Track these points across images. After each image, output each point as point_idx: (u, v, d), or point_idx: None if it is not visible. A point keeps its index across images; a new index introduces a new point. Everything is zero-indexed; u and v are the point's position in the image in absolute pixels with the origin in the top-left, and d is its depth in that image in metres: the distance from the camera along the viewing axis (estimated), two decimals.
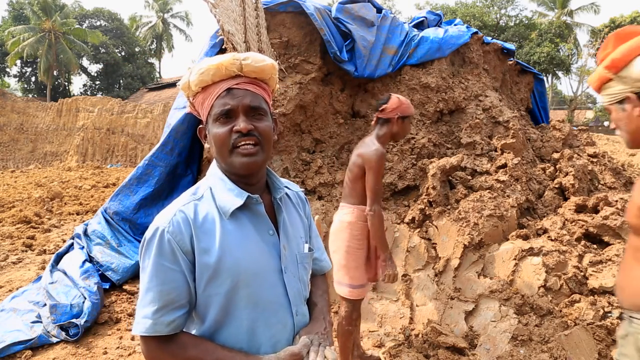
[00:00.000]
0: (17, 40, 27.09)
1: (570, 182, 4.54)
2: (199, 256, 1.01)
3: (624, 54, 1.33)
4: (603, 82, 1.42)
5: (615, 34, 1.40)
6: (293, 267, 1.13)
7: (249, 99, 1.06)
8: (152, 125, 20.73)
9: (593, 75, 1.48)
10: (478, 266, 3.77)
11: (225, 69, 1.04)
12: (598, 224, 3.82)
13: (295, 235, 1.18)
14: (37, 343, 3.22)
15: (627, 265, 1.48)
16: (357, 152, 2.73)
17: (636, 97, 1.34)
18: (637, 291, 1.39)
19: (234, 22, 3.60)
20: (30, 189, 10.74)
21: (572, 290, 3.40)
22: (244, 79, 1.07)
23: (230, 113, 1.05)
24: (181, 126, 4.33)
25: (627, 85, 1.35)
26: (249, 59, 1.06)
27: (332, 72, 4.88)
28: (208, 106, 1.07)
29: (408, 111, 2.74)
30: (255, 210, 1.09)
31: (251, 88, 1.08)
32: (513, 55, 6.49)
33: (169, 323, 0.99)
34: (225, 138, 1.04)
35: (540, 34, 27.11)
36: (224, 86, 1.06)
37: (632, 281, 1.42)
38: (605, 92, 1.43)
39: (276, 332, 1.07)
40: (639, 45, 1.31)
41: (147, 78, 36.05)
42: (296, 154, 4.54)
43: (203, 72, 1.05)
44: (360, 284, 2.68)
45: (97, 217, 4.57)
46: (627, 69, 1.33)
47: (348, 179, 2.76)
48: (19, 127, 22.81)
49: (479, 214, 3.97)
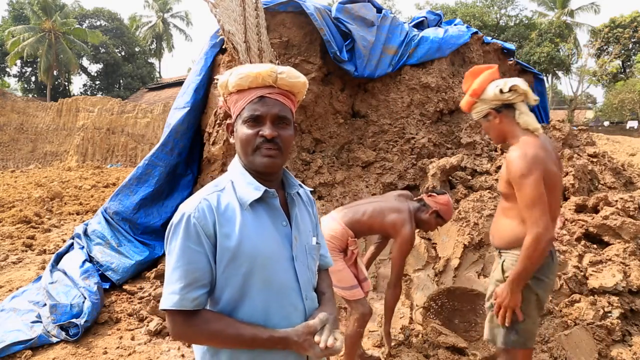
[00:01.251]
0: (17, 40, 27.09)
1: (570, 182, 4.54)
2: (221, 240, 1.12)
3: (479, 84, 2.06)
4: (471, 105, 2.14)
5: (470, 72, 2.12)
6: (303, 257, 1.24)
7: (278, 109, 1.18)
8: (152, 125, 20.74)
9: (463, 102, 2.18)
10: (478, 266, 3.77)
11: (262, 78, 1.16)
12: (598, 223, 3.82)
13: (305, 229, 1.29)
14: (37, 343, 3.21)
15: (497, 219, 2.19)
16: (392, 213, 2.73)
17: (494, 111, 2.05)
18: (503, 235, 2.11)
19: (234, 22, 3.60)
20: (30, 189, 10.74)
21: (572, 290, 3.40)
22: (276, 89, 1.19)
23: (259, 119, 1.17)
24: (181, 126, 4.33)
25: (486, 104, 2.06)
26: (285, 73, 1.18)
27: (332, 72, 4.88)
28: (240, 108, 1.19)
29: (446, 215, 2.82)
30: (271, 203, 1.20)
31: (281, 99, 1.20)
32: (513, 55, 6.49)
33: (193, 299, 1.09)
34: (251, 139, 1.17)
35: (540, 34, 27.11)
36: (258, 93, 1.17)
37: (500, 228, 2.14)
38: (474, 112, 2.15)
39: (288, 314, 1.17)
40: (487, 78, 2.05)
41: (147, 78, 36.06)
42: (296, 154, 4.54)
43: (242, 78, 1.16)
44: (351, 285, 2.70)
45: (97, 217, 4.57)
46: (484, 94, 2.05)
47: (369, 218, 2.74)
48: (19, 127, 22.82)
49: (479, 214, 3.98)
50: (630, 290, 3.37)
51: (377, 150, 4.73)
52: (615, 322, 3.12)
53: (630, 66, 29.88)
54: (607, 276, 3.38)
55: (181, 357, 3.12)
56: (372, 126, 4.91)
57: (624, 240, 3.71)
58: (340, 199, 4.21)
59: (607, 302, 3.26)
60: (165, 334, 3.39)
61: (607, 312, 3.22)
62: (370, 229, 2.81)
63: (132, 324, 3.56)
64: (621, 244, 3.66)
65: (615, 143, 17.12)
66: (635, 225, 3.71)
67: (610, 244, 3.74)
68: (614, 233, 3.77)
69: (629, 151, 15.18)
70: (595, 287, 3.36)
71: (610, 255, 3.57)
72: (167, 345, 3.27)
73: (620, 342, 3.11)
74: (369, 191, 4.36)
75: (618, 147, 16.29)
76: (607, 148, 14.20)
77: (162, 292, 1.16)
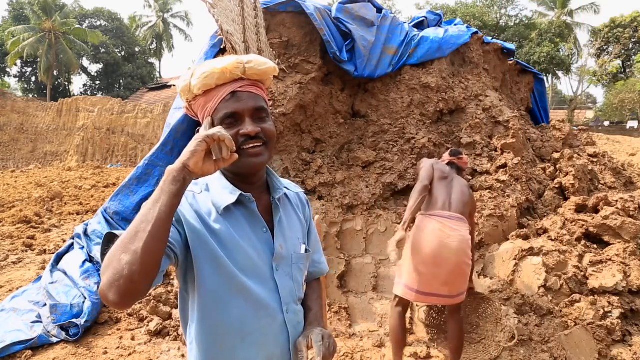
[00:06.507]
0: (17, 40, 27.09)
1: (570, 182, 4.54)
2: (197, 238, 1.02)
3: None
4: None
5: None
6: (287, 266, 1.15)
7: (253, 102, 1.09)
8: (152, 125, 20.74)
9: None
10: (478, 266, 3.77)
11: (229, 72, 1.06)
12: (598, 223, 3.82)
13: (292, 236, 1.19)
14: (37, 343, 3.22)
15: None
16: (468, 189, 3.01)
17: None
18: None
19: (232, 22, 3.59)
20: (30, 189, 10.74)
21: (572, 290, 3.40)
22: (246, 81, 1.09)
23: (236, 116, 1.07)
24: (181, 126, 4.33)
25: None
26: (252, 62, 1.08)
27: (332, 72, 4.88)
28: (211, 109, 1.08)
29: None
30: (249, 207, 1.12)
31: (254, 90, 1.10)
32: (513, 55, 6.49)
33: None
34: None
35: (540, 34, 27.09)
36: (228, 89, 1.07)
37: None
38: None
39: (266, 325, 1.09)
40: None
41: (147, 78, 36.05)
42: (296, 154, 4.54)
43: (207, 76, 1.05)
44: None
45: (97, 217, 4.57)
46: None
47: (467, 206, 2.90)
48: (19, 127, 22.81)
49: (479, 214, 3.97)
50: (631, 290, 3.37)
51: (377, 150, 4.73)
52: (616, 322, 3.12)
53: (630, 66, 29.85)
54: (607, 276, 3.38)
55: (181, 357, 3.12)
56: (372, 126, 4.91)
57: (624, 240, 3.71)
58: (340, 199, 4.22)
59: (607, 302, 3.26)
60: (166, 334, 3.39)
61: (607, 312, 3.21)
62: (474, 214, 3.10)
63: (132, 324, 3.57)
64: (621, 244, 3.66)
65: (616, 143, 17.10)
66: (636, 225, 3.70)
67: (610, 244, 3.74)
68: (614, 233, 3.77)
69: (629, 151, 15.16)
70: (595, 287, 3.35)
71: (611, 255, 3.56)
72: (167, 345, 3.27)
73: (620, 342, 3.11)
74: (369, 191, 4.36)
75: (618, 147, 16.27)
76: (607, 148, 14.19)
77: (162, 292, 1.12)
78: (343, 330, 3.47)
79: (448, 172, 3.02)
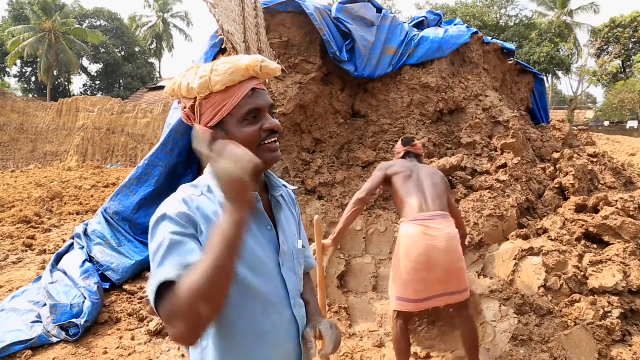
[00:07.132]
0: (17, 40, 27.09)
1: (570, 182, 4.54)
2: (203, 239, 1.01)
3: None
4: None
5: None
6: (290, 262, 1.18)
7: (269, 99, 1.14)
8: (152, 125, 20.73)
9: None
10: (478, 266, 3.77)
11: (252, 70, 1.08)
12: (598, 223, 3.82)
13: (290, 232, 1.22)
14: (37, 343, 3.22)
15: None
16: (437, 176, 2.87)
17: None
18: None
19: (233, 22, 3.59)
20: (30, 189, 10.74)
21: (572, 290, 3.40)
22: (259, 80, 1.13)
23: (257, 112, 1.10)
24: (181, 126, 4.33)
25: None
26: (265, 62, 1.11)
27: (332, 72, 4.88)
28: (231, 106, 1.07)
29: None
30: (256, 206, 1.12)
31: (265, 87, 1.16)
32: (513, 55, 6.49)
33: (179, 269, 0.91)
34: (257, 137, 1.09)
35: (540, 34, 27.10)
36: (249, 86, 1.09)
37: None
38: None
39: (276, 322, 1.11)
40: None
41: (147, 78, 36.04)
42: (296, 154, 4.54)
43: (233, 72, 1.06)
44: None
45: (97, 217, 4.57)
46: None
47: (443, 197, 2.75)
48: (19, 127, 22.81)
49: (479, 214, 3.97)
50: (631, 290, 3.37)
51: (377, 150, 4.73)
52: (616, 322, 3.12)
53: (630, 66, 29.87)
54: (607, 276, 3.38)
55: (181, 357, 3.12)
56: (372, 126, 4.91)
57: (624, 240, 3.70)
58: (340, 199, 4.21)
59: (607, 302, 3.26)
60: (166, 334, 3.39)
61: (607, 312, 3.21)
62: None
63: (132, 324, 3.56)
64: (621, 244, 3.66)
65: (616, 143, 17.11)
66: (636, 225, 3.70)
67: (610, 244, 3.74)
68: (614, 233, 3.77)
69: (629, 151, 15.17)
70: (595, 287, 3.35)
71: (611, 255, 3.56)
72: (167, 345, 3.27)
73: (621, 342, 3.10)
74: None
75: (618, 147, 16.28)
76: (607, 148, 14.19)
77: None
78: (343, 330, 3.47)
79: (410, 168, 2.85)
